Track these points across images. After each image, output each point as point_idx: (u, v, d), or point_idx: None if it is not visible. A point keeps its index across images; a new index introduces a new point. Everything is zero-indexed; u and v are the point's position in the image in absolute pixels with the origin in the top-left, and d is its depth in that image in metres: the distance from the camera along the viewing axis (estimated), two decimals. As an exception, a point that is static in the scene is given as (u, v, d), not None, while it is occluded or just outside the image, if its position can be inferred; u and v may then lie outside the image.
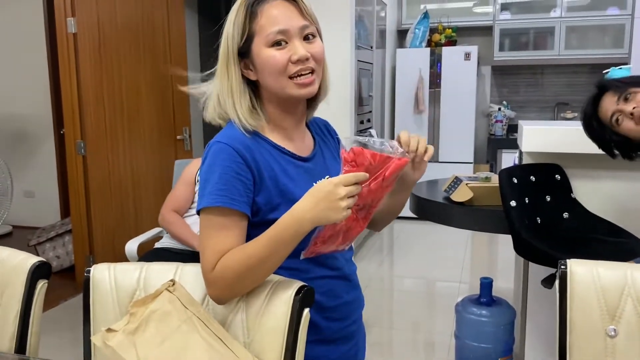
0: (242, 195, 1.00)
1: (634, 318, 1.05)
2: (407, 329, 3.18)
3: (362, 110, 4.47)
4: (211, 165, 1.02)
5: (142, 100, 3.56)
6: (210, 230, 1.00)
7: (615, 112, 1.52)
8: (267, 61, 1.02)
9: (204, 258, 1.00)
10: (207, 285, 1.00)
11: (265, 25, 1.01)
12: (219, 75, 1.08)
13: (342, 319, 1.17)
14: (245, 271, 0.97)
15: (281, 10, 1.01)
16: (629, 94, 1.49)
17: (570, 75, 5.46)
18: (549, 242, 1.83)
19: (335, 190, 0.90)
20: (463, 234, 4.73)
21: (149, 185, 3.64)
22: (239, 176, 1.00)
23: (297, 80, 1.03)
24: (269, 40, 1.01)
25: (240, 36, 1.03)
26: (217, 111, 1.10)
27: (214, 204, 0.99)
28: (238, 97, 1.06)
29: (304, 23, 1.03)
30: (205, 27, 4.96)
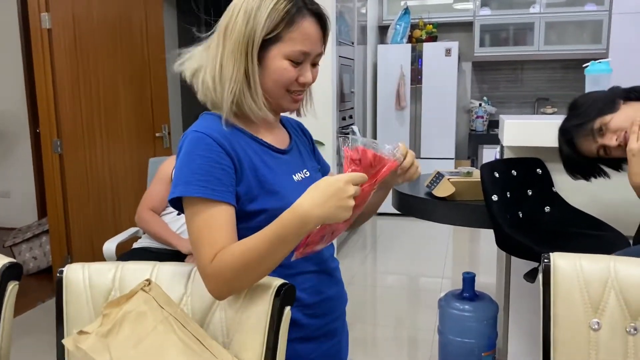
0: (225, 184, 0.98)
1: (617, 311, 1.05)
2: (391, 325, 3.17)
3: (344, 106, 4.45)
4: (189, 154, 0.98)
5: (120, 97, 3.50)
6: (200, 223, 0.96)
7: (599, 147, 1.53)
8: (279, 71, 1.03)
9: (199, 252, 0.96)
10: (204, 279, 0.96)
11: (295, 39, 1.01)
12: (224, 56, 1.02)
13: (324, 315, 1.15)
14: (243, 268, 0.93)
15: (313, 31, 1.04)
16: (600, 128, 1.49)
17: (550, 71, 5.51)
18: (531, 236, 1.83)
19: (345, 188, 0.88)
20: (445, 229, 4.74)
21: (127, 183, 3.57)
22: (220, 165, 0.98)
23: (294, 96, 1.08)
24: (290, 55, 1.02)
25: (269, 30, 1.00)
26: (208, 96, 1.05)
27: (196, 194, 0.96)
28: (257, 86, 1.02)
29: (321, 51, 1.07)
30: (184, 21, 4.90)
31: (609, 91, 1.58)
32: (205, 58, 1.06)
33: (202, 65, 1.06)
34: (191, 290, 1.04)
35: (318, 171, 1.21)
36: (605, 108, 1.50)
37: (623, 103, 1.51)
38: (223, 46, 1.03)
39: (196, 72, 1.07)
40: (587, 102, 1.56)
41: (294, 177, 1.10)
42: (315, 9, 1.04)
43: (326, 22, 1.07)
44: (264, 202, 1.03)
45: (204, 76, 1.05)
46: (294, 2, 1.01)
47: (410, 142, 5.37)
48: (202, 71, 1.06)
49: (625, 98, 1.53)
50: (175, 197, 0.98)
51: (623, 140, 1.46)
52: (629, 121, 1.45)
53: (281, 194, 1.05)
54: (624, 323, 1.05)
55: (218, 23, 1.07)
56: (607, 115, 1.49)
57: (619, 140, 1.47)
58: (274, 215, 1.00)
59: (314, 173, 1.17)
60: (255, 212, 1.03)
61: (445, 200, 2.15)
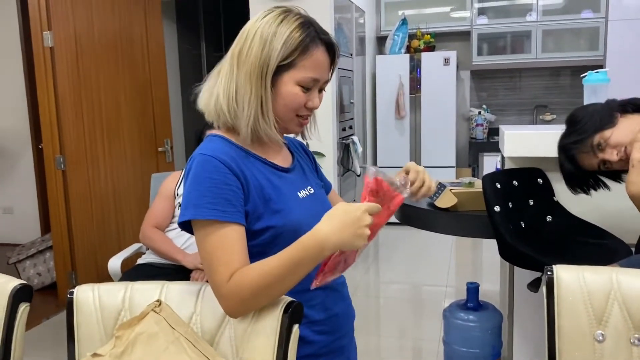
0: (234, 205, 1.00)
1: (620, 322, 1.06)
2: (395, 335, 3.17)
3: (344, 117, 4.47)
4: (198, 177, 1.01)
5: (122, 113, 3.52)
6: (213, 244, 0.98)
7: (600, 162, 1.55)
8: (290, 96, 1.06)
9: (215, 272, 0.97)
10: (220, 298, 0.98)
11: (307, 67, 1.06)
12: (238, 81, 1.05)
13: (332, 332, 1.17)
14: (261, 290, 0.96)
15: (323, 59, 1.08)
16: (600, 143, 1.51)
17: (548, 78, 5.54)
18: (533, 246, 1.85)
19: (363, 217, 0.93)
20: (447, 238, 4.75)
21: (130, 198, 3.59)
22: (229, 187, 1.00)
23: (301, 120, 1.12)
24: (302, 81, 1.06)
25: (284, 57, 1.04)
26: (222, 118, 1.08)
27: (207, 217, 0.98)
28: (269, 109, 1.06)
29: (328, 78, 1.12)
30: (184, 36, 4.94)
31: (606, 104, 1.59)
32: (216, 83, 1.09)
33: (215, 90, 1.09)
34: (200, 309, 1.05)
35: (321, 188, 1.24)
36: (603, 123, 1.52)
37: (621, 116, 1.53)
38: (238, 70, 1.05)
39: (209, 97, 1.10)
40: (585, 116, 1.57)
41: (299, 194, 1.13)
42: (326, 39, 1.09)
43: (335, 51, 1.11)
44: (269, 220, 1.05)
45: (217, 100, 1.08)
46: (308, 32, 1.06)
47: (411, 151, 5.39)
48: (214, 95, 1.08)
49: (623, 111, 1.54)
50: (185, 220, 1.00)
51: (624, 154, 1.48)
52: (629, 136, 1.47)
53: (285, 212, 1.07)
54: (628, 334, 1.06)
55: (230, 48, 1.10)
56: (606, 130, 1.50)
57: (620, 155, 1.49)
58: (279, 233, 1.03)
59: (317, 190, 1.20)
60: (260, 230, 1.05)
61: (447, 210, 2.17)
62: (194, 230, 1.02)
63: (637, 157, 1.44)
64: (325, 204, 1.19)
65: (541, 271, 1.16)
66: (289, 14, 1.07)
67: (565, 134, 1.63)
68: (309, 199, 1.14)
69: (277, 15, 1.06)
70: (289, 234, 1.04)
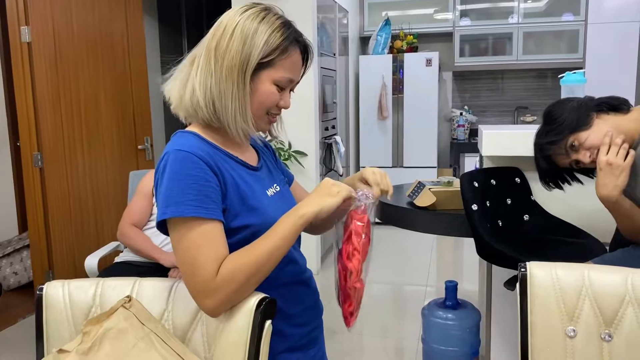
0: (215, 202, 0.99)
1: (591, 318, 1.07)
2: (376, 334, 3.18)
3: (327, 117, 4.47)
4: (177, 173, 0.98)
5: (102, 110, 3.48)
6: (196, 241, 0.96)
7: (572, 162, 1.57)
8: (266, 94, 1.07)
9: (200, 268, 0.95)
10: (206, 295, 0.95)
11: (285, 67, 1.07)
12: (217, 75, 1.03)
13: (306, 324, 1.18)
14: (255, 270, 0.97)
15: (299, 62, 1.11)
16: (572, 144, 1.53)
17: (529, 80, 5.60)
18: (510, 244, 1.86)
19: (325, 181, 1.05)
20: (428, 237, 4.77)
21: (109, 196, 3.55)
22: (209, 183, 0.99)
23: (270, 118, 1.13)
24: (278, 80, 1.07)
25: (263, 55, 1.04)
26: (199, 114, 1.05)
27: (190, 214, 0.96)
28: (247, 105, 1.06)
29: (299, 79, 1.14)
30: (166, 33, 4.90)
31: (583, 103, 1.60)
32: (189, 75, 1.06)
33: (190, 83, 1.06)
34: (173, 305, 1.04)
35: (285, 184, 1.25)
36: (579, 123, 1.53)
37: (596, 117, 1.54)
38: (215, 64, 1.03)
39: (181, 89, 1.07)
40: (562, 115, 1.59)
41: (267, 192, 1.13)
42: (303, 42, 1.11)
43: (309, 54, 1.13)
44: (246, 218, 1.05)
45: (192, 94, 1.05)
46: (289, 33, 1.06)
47: (393, 151, 5.41)
48: (188, 89, 1.06)
49: (598, 111, 1.56)
50: (167, 218, 0.97)
51: (596, 156, 1.50)
52: (602, 139, 1.48)
53: (261, 210, 1.07)
54: (598, 330, 1.07)
55: (206, 40, 1.07)
56: (581, 133, 1.52)
57: (592, 157, 1.51)
58: (256, 232, 1.03)
59: (282, 187, 1.21)
60: (238, 229, 1.04)
61: (426, 209, 2.18)
62: (170, 229, 0.99)
63: (603, 160, 1.46)
64: (290, 200, 1.19)
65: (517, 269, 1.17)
66: (270, 12, 1.07)
67: (541, 132, 1.65)
68: (277, 197, 1.15)
69: (259, 12, 1.05)
70: (265, 232, 1.03)
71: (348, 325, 1.11)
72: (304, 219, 1.00)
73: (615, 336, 1.05)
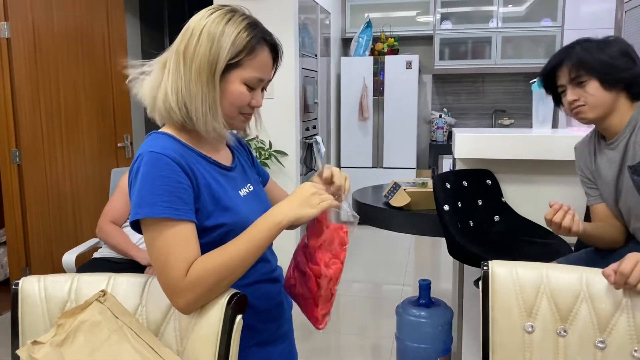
0: (187, 203, 1.01)
1: (548, 314, 1.13)
2: (353, 333, 3.23)
3: (308, 117, 4.51)
4: (149, 174, 1.00)
5: (82, 107, 3.47)
6: (167, 241, 0.99)
7: (560, 86, 1.58)
8: (236, 94, 1.09)
9: (170, 268, 0.98)
10: (177, 294, 0.98)
11: (253, 67, 1.09)
12: (187, 78, 1.06)
13: (276, 319, 1.22)
14: (226, 273, 0.99)
15: (268, 61, 1.12)
16: (581, 81, 1.50)
17: (507, 84, 5.70)
18: (480, 244, 1.92)
19: (311, 189, 1.05)
20: (406, 237, 4.84)
21: (89, 194, 3.54)
22: (181, 185, 1.01)
23: (245, 117, 1.15)
24: (248, 80, 1.09)
25: (231, 56, 1.06)
26: (173, 116, 1.08)
27: (161, 215, 0.98)
28: (218, 106, 1.08)
29: (271, 78, 1.15)
30: (148, 31, 4.89)
31: (635, 76, 1.51)
32: (162, 78, 1.09)
33: (163, 86, 1.08)
34: (147, 300, 1.07)
35: (259, 183, 1.27)
36: (609, 80, 1.48)
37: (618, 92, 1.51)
38: (184, 68, 1.06)
39: (154, 91, 1.10)
40: (618, 59, 1.50)
41: (240, 192, 1.16)
42: (271, 40, 1.12)
43: (278, 53, 1.14)
44: (219, 217, 1.07)
45: (165, 97, 1.07)
46: (255, 33, 1.08)
47: (373, 152, 5.46)
48: (161, 92, 1.08)
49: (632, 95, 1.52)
50: (139, 218, 1.00)
51: (571, 108, 1.53)
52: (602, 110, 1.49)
53: (234, 210, 1.10)
54: (555, 326, 1.12)
55: (175, 44, 1.10)
56: (600, 86, 1.48)
57: (571, 107, 1.53)
58: (230, 231, 1.06)
59: (256, 186, 1.23)
60: (211, 228, 1.07)
61: (401, 209, 2.23)
62: (144, 229, 1.02)
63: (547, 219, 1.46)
64: (263, 200, 1.22)
65: (487, 268, 1.21)
66: (235, 13, 1.09)
67: (594, 44, 1.53)
68: (250, 197, 1.17)
69: (224, 14, 1.07)
70: (239, 231, 1.06)
71: (321, 327, 1.13)
72: (280, 226, 1.02)
73: (569, 331, 1.11)
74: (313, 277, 1.10)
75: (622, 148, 1.53)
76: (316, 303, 1.11)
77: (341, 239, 1.11)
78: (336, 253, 1.11)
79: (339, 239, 1.11)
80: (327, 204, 1.05)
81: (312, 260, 1.11)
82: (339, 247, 1.12)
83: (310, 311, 1.13)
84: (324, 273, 1.09)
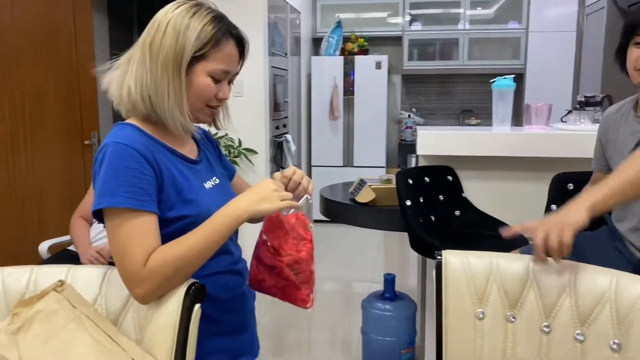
0: (150, 194, 1.03)
1: (498, 301, 1.17)
2: (324, 328, 3.26)
3: (279, 115, 4.53)
4: (113, 165, 1.01)
5: (47, 104, 3.42)
6: (129, 231, 1.00)
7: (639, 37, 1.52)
8: (202, 87, 1.11)
9: (129, 258, 0.99)
10: (135, 284, 1.00)
11: (219, 59, 1.11)
12: (153, 71, 1.08)
13: (237, 310, 1.24)
14: (183, 264, 1.01)
15: (233, 53, 1.13)
16: None
17: (474, 84, 5.82)
18: (441, 238, 1.98)
19: (266, 184, 1.08)
20: (376, 233, 4.90)
21: (54, 193, 3.49)
22: (145, 176, 1.03)
23: (211, 110, 1.16)
24: (213, 72, 1.11)
25: (196, 49, 1.08)
26: (137, 108, 1.10)
27: (124, 205, 1.00)
28: (184, 99, 1.09)
29: (237, 71, 1.17)
30: (116, 30, 4.84)
31: None
32: (127, 72, 1.11)
33: (127, 79, 1.10)
34: (106, 290, 1.08)
35: (225, 177, 1.29)
36: None
37: None
38: (150, 61, 1.08)
39: (119, 85, 1.12)
40: None
41: (205, 185, 1.18)
42: (236, 33, 1.15)
43: (244, 46, 1.17)
44: (182, 209, 1.09)
45: (129, 90, 1.09)
46: (220, 26, 1.11)
47: (344, 151, 5.51)
48: (125, 85, 1.10)
49: None
50: (101, 208, 1.01)
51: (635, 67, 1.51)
52: None
53: (197, 202, 1.12)
54: (504, 312, 1.17)
55: (141, 38, 1.12)
56: None
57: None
58: (191, 222, 1.08)
59: (222, 180, 1.25)
60: (173, 219, 1.09)
61: (367, 205, 2.27)
62: (106, 219, 1.03)
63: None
64: (229, 193, 1.23)
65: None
66: (201, 7, 1.11)
67: None
68: (215, 190, 1.20)
69: (190, 8, 1.10)
70: (202, 222, 1.09)
71: (309, 305, 1.17)
72: (239, 220, 1.05)
73: (518, 317, 1.16)
74: (285, 267, 1.14)
75: None
76: (298, 287, 1.15)
77: (303, 222, 1.14)
78: (302, 236, 1.14)
79: (301, 224, 1.14)
80: (286, 204, 1.07)
81: (278, 254, 1.14)
82: (303, 230, 1.15)
83: (294, 296, 1.16)
84: (298, 258, 1.13)
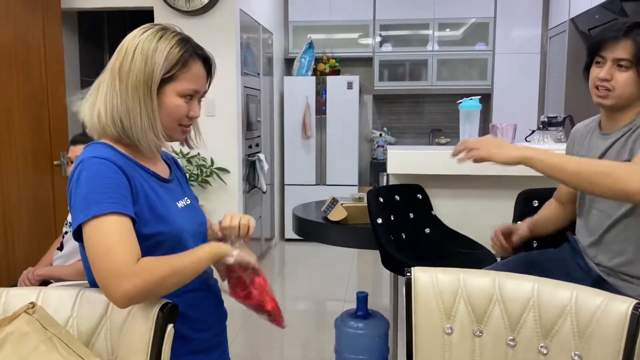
0: (130, 202, 1.05)
1: (465, 316, 1.21)
2: (296, 346, 3.25)
3: (252, 134, 4.55)
4: (94, 176, 1.03)
5: (15, 123, 3.38)
6: (115, 230, 1.00)
7: (602, 57, 1.48)
8: (173, 107, 1.15)
9: (118, 253, 0.98)
10: (124, 277, 0.97)
11: (187, 79, 1.15)
12: (123, 94, 1.11)
13: (209, 329, 1.25)
14: (171, 273, 1.03)
15: (201, 73, 1.18)
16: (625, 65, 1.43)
17: (443, 104, 5.95)
18: (412, 255, 2.01)
19: None
20: (349, 252, 4.93)
21: (22, 214, 3.43)
22: (125, 185, 1.06)
23: (184, 128, 1.20)
24: (183, 92, 1.15)
25: (165, 71, 1.11)
26: (107, 131, 1.12)
27: (110, 210, 1.00)
28: (157, 120, 1.13)
29: (206, 90, 1.22)
30: (87, 48, 4.82)
31: None
32: (98, 98, 1.13)
33: (97, 105, 1.13)
34: (77, 312, 1.08)
35: (195, 199, 1.32)
36: None
37: None
38: (120, 85, 1.11)
39: (91, 111, 1.14)
40: None
41: (177, 204, 1.20)
42: (203, 54, 1.19)
43: (211, 65, 1.21)
44: (155, 226, 1.11)
45: (99, 115, 1.12)
46: (187, 48, 1.15)
47: (316, 169, 5.55)
48: (95, 110, 1.13)
49: None
50: (89, 219, 1.00)
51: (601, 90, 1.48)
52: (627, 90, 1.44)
53: (169, 220, 1.13)
54: (471, 327, 1.21)
55: (110, 64, 1.15)
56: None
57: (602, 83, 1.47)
58: (164, 239, 1.09)
59: (193, 201, 1.29)
60: (147, 236, 1.10)
61: (339, 224, 2.30)
62: (88, 229, 1.01)
63: None
64: (199, 214, 1.27)
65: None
66: (167, 31, 1.15)
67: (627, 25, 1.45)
68: (187, 209, 1.22)
69: (156, 32, 1.13)
70: (173, 240, 1.11)
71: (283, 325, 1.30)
72: (211, 255, 1.13)
73: (485, 332, 1.20)
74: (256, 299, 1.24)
75: (609, 143, 1.52)
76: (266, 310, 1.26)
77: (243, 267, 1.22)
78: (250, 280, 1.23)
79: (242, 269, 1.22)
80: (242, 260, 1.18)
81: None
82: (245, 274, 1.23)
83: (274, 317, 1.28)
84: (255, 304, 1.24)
